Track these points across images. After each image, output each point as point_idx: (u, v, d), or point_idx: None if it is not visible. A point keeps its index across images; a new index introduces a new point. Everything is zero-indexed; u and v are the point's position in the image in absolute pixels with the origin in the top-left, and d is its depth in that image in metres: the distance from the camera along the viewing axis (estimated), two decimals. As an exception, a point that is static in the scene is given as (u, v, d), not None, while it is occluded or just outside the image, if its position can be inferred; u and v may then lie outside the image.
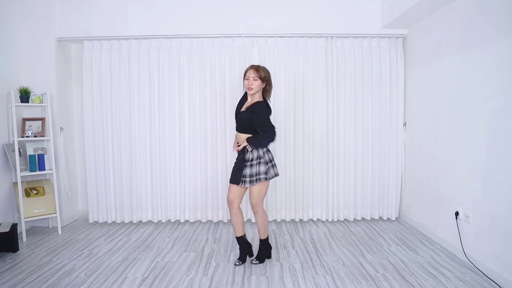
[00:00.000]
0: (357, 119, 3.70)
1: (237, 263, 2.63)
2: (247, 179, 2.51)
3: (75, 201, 3.93)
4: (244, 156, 2.53)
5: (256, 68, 2.54)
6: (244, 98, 2.69)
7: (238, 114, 2.61)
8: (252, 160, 2.51)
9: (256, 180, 2.50)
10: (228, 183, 2.67)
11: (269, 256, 2.73)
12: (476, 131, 2.56)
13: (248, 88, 2.53)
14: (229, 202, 2.60)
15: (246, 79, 2.54)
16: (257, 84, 2.51)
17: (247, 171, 2.51)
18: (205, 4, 3.63)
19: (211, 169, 3.71)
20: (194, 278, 2.44)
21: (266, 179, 2.53)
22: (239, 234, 2.65)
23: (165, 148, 3.70)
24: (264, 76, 2.54)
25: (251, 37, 3.61)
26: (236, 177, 2.55)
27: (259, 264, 2.64)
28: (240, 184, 2.53)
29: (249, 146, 2.51)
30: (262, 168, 2.51)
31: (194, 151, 3.70)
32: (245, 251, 2.69)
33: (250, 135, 2.52)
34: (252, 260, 2.67)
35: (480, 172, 2.52)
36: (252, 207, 2.61)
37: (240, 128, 2.59)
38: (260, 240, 2.69)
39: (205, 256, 2.83)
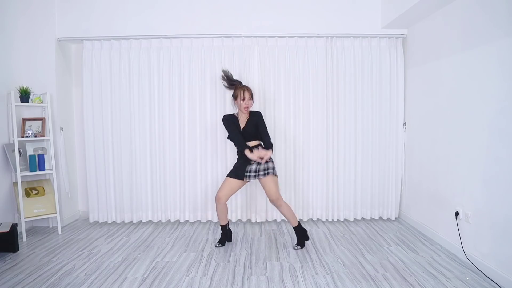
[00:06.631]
0: (357, 119, 3.70)
1: (218, 245, 3.03)
2: (261, 173, 2.90)
3: (75, 201, 3.94)
4: (249, 165, 2.92)
5: (248, 89, 3.00)
6: (231, 117, 3.04)
7: (245, 130, 2.97)
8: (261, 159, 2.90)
9: (268, 173, 2.89)
10: (225, 179, 2.99)
11: (307, 238, 3.06)
12: (476, 131, 2.56)
13: (245, 107, 2.95)
14: (218, 198, 2.94)
15: (242, 99, 2.94)
16: (251, 104, 3.01)
17: (254, 166, 2.91)
18: (205, 4, 3.63)
19: (211, 169, 3.71)
20: (194, 278, 2.44)
21: (274, 174, 2.93)
22: (224, 223, 3.06)
23: (165, 148, 3.70)
24: (252, 94, 3.05)
25: (251, 37, 3.61)
26: (239, 173, 2.93)
27: (260, 264, 2.64)
28: (256, 178, 2.91)
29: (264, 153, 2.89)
30: (271, 164, 2.94)
31: (194, 150, 3.70)
32: (226, 236, 3.10)
33: (270, 150, 2.90)
34: (294, 246, 2.95)
35: (480, 172, 2.52)
36: (275, 203, 2.91)
37: (248, 139, 2.96)
38: (294, 228, 2.99)
39: (205, 256, 2.84)
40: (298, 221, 3.00)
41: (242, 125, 2.99)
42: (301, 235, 2.99)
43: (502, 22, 2.32)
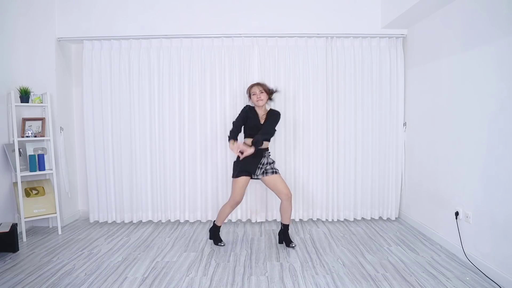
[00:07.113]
0: (357, 119, 3.70)
1: (221, 244, 3.05)
2: (269, 171, 2.96)
3: (75, 201, 3.94)
4: (261, 160, 2.94)
5: (259, 83, 3.01)
6: (250, 112, 3.00)
7: (264, 125, 2.93)
8: (269, 161, 3.00)
9: (276, 172, 2.98)
10: (239, 180, 2.92)
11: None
12: (476, 131, 2.56)
13: (257, 100, 2.93)
14: (237, 202, 2.94)
15: (253, 94, 2.95)
16: (264, 96, 2.96)
17: (267, 167, 2.98)
18: (205, 4, 3.63)
19: (211, 169, 3.71)
20: (194, 278, 2.44)
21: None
22: (221, 224, 3.09)
23: (165, 148, 3.70)
24: (267, 88, 3.00)
25: (251, 37, 3.61)
26: (249, 170, 2.92)
27: (260, 264, 2.65)
28: (262, 175, 2.97)
29: (266, 152, 2.98)
30: (275, 165, 3.07)
31: (194, 151, 3.70)
32: (216, 235, 3.12)
33: (253, 147, 2.82)
34: (292, 245, 2.98)
35: (480, 172, 2.52)
36: (289, 198, 2.94)
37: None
38: (286, 225, 3.04)
39: (205, 256, 2.84)
40: None
41: (261, 120, 2.98)
42: (287, 234, 3.05)
43: (502, 22, 2.32)
